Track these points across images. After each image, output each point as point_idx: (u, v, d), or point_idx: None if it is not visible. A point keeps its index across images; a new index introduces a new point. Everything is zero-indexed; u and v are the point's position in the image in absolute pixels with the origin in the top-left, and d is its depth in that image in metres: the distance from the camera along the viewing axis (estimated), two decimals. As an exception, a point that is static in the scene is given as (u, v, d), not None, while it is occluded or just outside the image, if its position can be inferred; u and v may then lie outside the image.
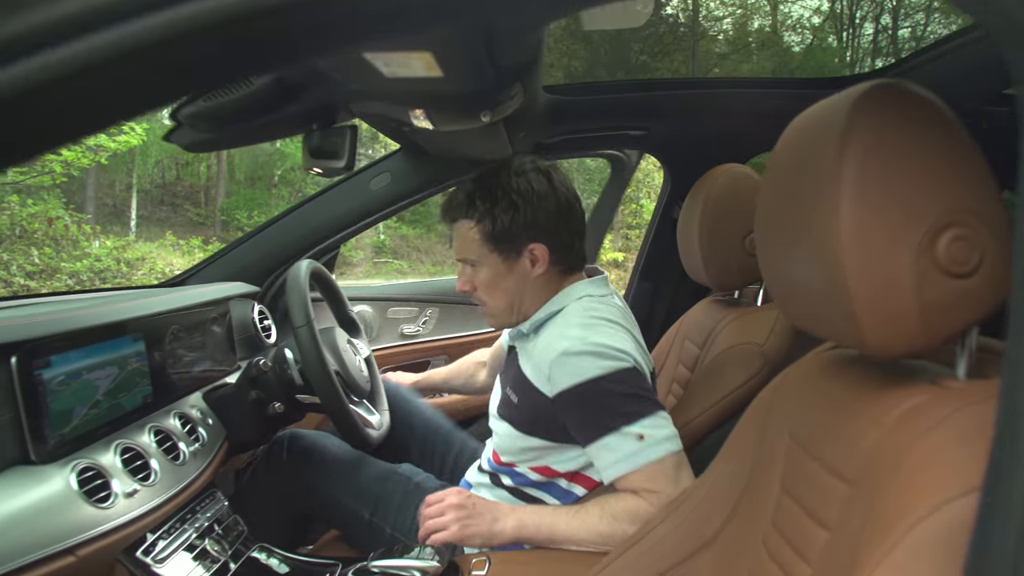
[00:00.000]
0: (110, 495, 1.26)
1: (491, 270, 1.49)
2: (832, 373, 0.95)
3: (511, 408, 1.48)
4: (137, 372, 1.51)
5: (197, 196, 22.05)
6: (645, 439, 1.29)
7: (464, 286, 1.54)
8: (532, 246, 1.46)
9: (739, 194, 1.65)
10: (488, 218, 1.44)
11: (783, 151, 0.88)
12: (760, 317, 1.64)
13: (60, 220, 10.99)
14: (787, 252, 0.85)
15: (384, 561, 1.27)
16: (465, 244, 1.49)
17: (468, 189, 1.47)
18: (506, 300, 1.51)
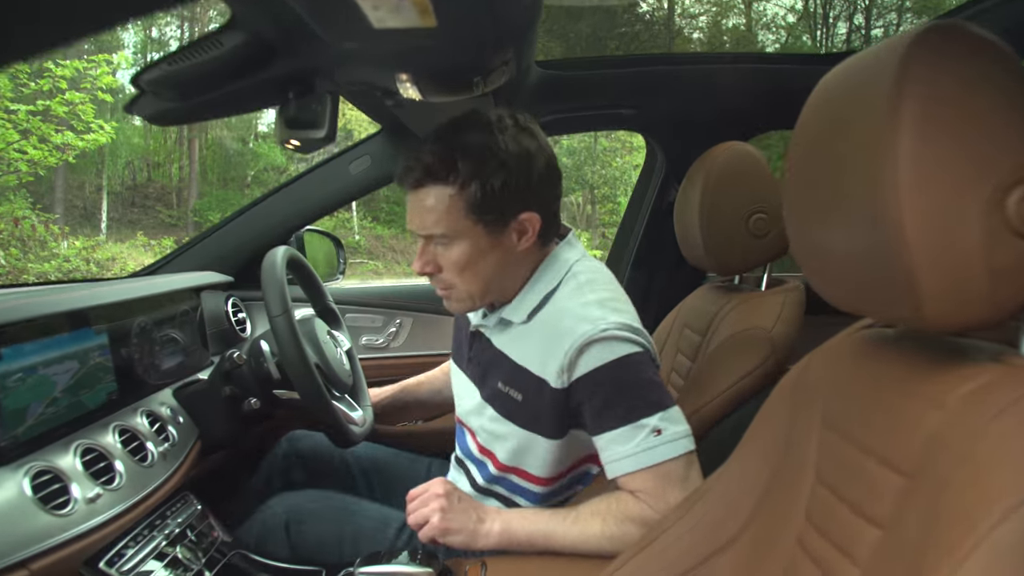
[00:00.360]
0: (69, 501, 1.15)
1: (470, 246, 1.26)
2: (871, 353, 0.86)
3: (515, 407, 1.33)
4: (100, 367, 1.41)
5: (169, 198, 21.99)
6: (662, 434, 1.18)
7: (426, 267, 1.30)
8: (524, 215, 1.26)
9: (742, 173, 1.58)
10: (475, 182, 1.22)
11: (815, 113, 0.81)
12: (765, 302, 1.57)
13: (27, 220, 10.79)
14: (827, 221, 0.76)
15: (370, 567, 1.18)
16: (437, 215, 1.24)
17: (444, 147, 1.23)
18: (482, 282, 1.30)
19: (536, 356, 1.28)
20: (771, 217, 1.56)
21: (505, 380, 1.34)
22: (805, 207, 0.81)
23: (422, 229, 1.27)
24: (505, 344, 1.35)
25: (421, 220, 1.26)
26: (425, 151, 1.23)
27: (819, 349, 0.97)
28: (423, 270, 1.31)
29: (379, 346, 2.36)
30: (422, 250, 1.30)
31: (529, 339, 1.31)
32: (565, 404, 1.25)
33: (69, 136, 9.74)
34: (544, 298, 1.31)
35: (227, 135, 23.66)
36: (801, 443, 0.91)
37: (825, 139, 0.77)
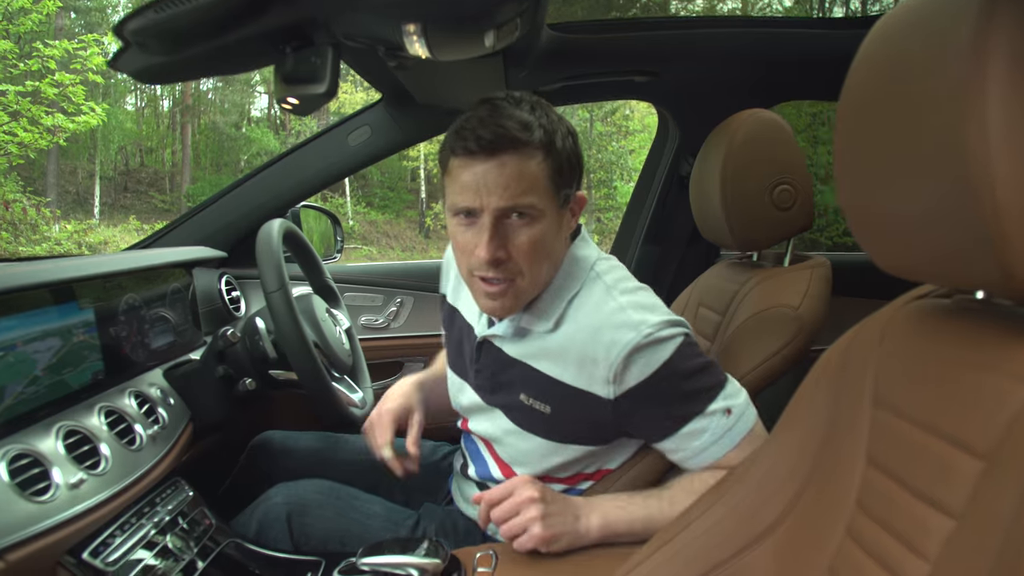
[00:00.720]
0: (49, 486, 1.07)
1: (549, 224, 1.13)
2: (929, 326, 0.78)
3: (540, 420, 1.22)
4: (85, 345, 1.32)
5: (162, 183, 22.03)
6: (733, 412, 1.14)
7: (499, 251, 1.10)
8: (578, 193, 1.19)
9: (767, 141, 1.49)
10: (554, 149, 1.10)
11: (870, 65, 0.72)
12: (791, 278, 1.49)
13: (17, 203, 10.68)
14: (891, 183, 0.68)
15: (374, 558, 1.11)
16: (528, 184, 1.09)
17: (515, 111, 1.09)
18: (547, 270, 1.18)
19: (572, 367, 1.17)
20: (797, 188, 1.48)
21: (530, 393, 1.23)
22: (862, 169, 0.73)
23: (504, 201, 1.09)
24: (526, 354, 1.23)
25: (503, 191, 1.08)
26: (493, 121, 1.08)
27: (863, 324, 0.89)
28: (496, 255, 1.10)
29: (379, 326, 2.27)
30: (493, 232, 1.10)
31: (559, 349, 1.19)
32: (613, 416, 1.17)
33: (60, 118, 9.65)
34: (568, 303, 1.20)
35: (220, 120, 23.59)
36: (848, 425, 0.83)
37: (884, 93, 0.68)
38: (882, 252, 0.75)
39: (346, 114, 2.37)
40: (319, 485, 1.44)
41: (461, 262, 1.18)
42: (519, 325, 1.23)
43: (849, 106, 0.74)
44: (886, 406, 0.78)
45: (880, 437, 0.78)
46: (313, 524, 1.36)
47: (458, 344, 1.41)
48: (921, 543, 0.67)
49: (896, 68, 0.67)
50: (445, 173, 1.16)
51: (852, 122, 0.74)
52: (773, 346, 1.36)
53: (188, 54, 1.09)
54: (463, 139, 1.08)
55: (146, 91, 23.99)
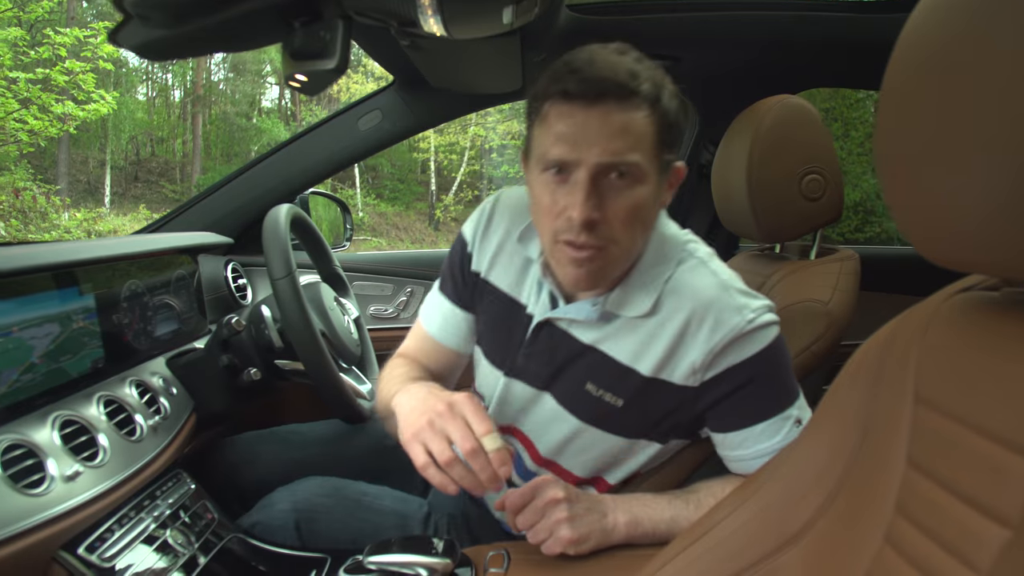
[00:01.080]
0: (44, 478, 1.03)
1: (650, 189, 1.00)
2: (978, 319, 0.73)
3: (609, 412, 1.12)
4: (85, 332, 1.28)
5: (172, 173, 22.11)
6: (801, 423, 1.07)
7: (595, 211, 0.97)
8: (678, 164, 1.07)
9: (796, 128, 1.44)
10: (661, 107, 0.98)
11: (920, 39, 0.65)
12: (818, 272, 1.44)
13: (27, 191, 10.70)
14: (950, 167, 0.62)
15: (381, 556, 1.06)
16: (633, 139, 0.96)
17: (621, 61, 0.97)
18: (642, 240, 1.06)
19: (658, 354, 1.08)
20: (826, 178, 1.43)
21: (599, 383, 1.12)
22: (910, 153, 0.67)
23: (605, 156, 0.96)
24: (603, 339, 1.12)
25: (606, 143, 0.96)
26: (599, 65, 0.96)
27: (904, 317, 0.84)
28: (591, 216, 0.97)
29: (388, 316, 2.23)
30: (591, 189, 0.97)
31: (648, 335, 1.09)
32: (691, 404, 1.10)
33: (70, 106, 9.66)
34: (664, 283, 1.09)
35: (231, 110, 23.65)
36: (886, 423, 0.78)
37: (938, 67, 0.62)
38: (930, 241, 0.69)
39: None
40: (324, 485, 1.37)
41: (544, 226, 1.05)
42: (604, 309, 1.10)
43: (895, 85, 0.69)
44: (929, 404, 0.72)
45: (922, 437, 0.72)
46: (322, 530, 1.31)
47: (495, 328, 1.26)
48: (971, 553, 0.61)
49: (953, 39, 0.61)
50: (536, 122, 1.03)
51: (898, 102, 0.69)
52: (803, 342, 1.31)
53: (192, 28, 1.04)
54: (563, 81, 0.96)
55: (157, 81, 24.07)
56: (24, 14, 11.01)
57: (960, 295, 0.78)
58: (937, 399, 0.71)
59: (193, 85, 23.45)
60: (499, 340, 1.25)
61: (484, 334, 1.31)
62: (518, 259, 1.21)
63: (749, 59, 1.93)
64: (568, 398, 1.16)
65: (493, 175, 21.94)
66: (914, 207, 0.69)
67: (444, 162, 22.09)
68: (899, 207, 0.70)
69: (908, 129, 0.67)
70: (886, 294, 2.12)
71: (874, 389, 0.82)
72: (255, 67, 24.37)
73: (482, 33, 1.20)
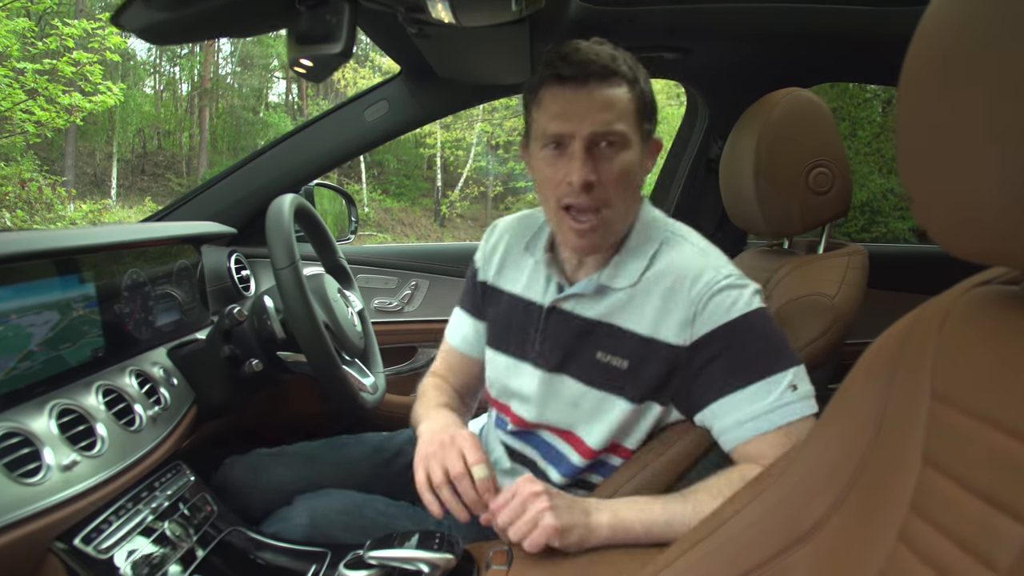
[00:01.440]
0: (40, 468, 1.01)
1: (635, 154, 1.16)
2: (999, 314, 0.71)
3: (616, 375, 1.21)
4: (84, 320, 1.27)
5: (179, 166, 22.17)
6: (798, 390, 1.11)
7: (591, 175, 1.12)
8: (655, 137, 1.23)
9: (804, 121, 1.42)
10: (639, 85, 1.15)
11: (942, 26, 0.63)
12: (826, 266, 1.42)
13: (33, 182, 10.71)
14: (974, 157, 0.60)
15: (383, 551, 1.05)
16: (618, 112, 1.13)
17: (602, 48, 1.14)
18: (633, 202, 1.22)
19: (650, 316, 1.18)
20: (834, 172, 1.41)
21: (606, 349, 1.22)
22: (930, 145, 0.65)
23: (595, 126, 1.12)
24: (605, 312, 1.23)
25: (595, 116, 1.12)
26: (584, 52, 1.13)
27: (920, 311, 0.82)
28: (588, 178, 1.12)
29: (393, 309, 2.22)
30: (585, 156, 1.13)
31: (640, 301, 1.20)
32: (686, 365, 1.16)
33: (77, 97, 9.64)
34: (651, 258, 1.22)
35: (238, 104, 23.68)
36: (901, 420, 0.76)
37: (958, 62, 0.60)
38: (951, 233, 0.67)
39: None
40: (343, 500, 1.39)
41: (548, 196, 1.19)
42: (599, 283, 1.23)
43: (914, 75, 0.67)
44: (946, 400, 0.70)
45: (939, 433, 0.71)
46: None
47: (505, 323, 1.38)
48: (990, 551, 0.60)
49: (971, 28, 0.59)
50: (534, 107, 1.19)
51: (918, 93, 0.67)
52: (808, 335, 1.29)
53: (195, 11, 1.02)
54: (554, 67, 1.13)
55: (165, 74, 24.11)
56: (32, 5, 10.99)
57: (978, 289, 0.77)
58: (954, 395, 0.70)
59: (200, 79, 23.49)
60: (511, 335, 1.36)
61: (494, 333, 1.41)
62: (525, 266, 1.36)
63: (759, 52, 1.92)
64: (583, 372, 1.24)
65: (499, 171, 21.96)
66: (935, 199, 0.67)
67: (450, 158, 22.08)
68: (920, 199, 0.68)
69: (928, 120, 0.65)
70: (893, 292, 2.10)
71: (888, 385, 0.80)
72: (262, 61, 24.41)
73: (490, 21, 1.19)
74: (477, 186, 22.10)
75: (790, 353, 1.13)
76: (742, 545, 0.88)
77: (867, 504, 0.78)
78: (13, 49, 9.60)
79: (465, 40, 1.43)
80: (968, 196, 0.62)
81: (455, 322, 1.52)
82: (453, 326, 1.52)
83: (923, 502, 0.69)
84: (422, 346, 2.23)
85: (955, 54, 0.60)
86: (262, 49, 23.85)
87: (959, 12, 0.61)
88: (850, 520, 0.80)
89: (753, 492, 0.91)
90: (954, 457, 0.67)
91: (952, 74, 0.61)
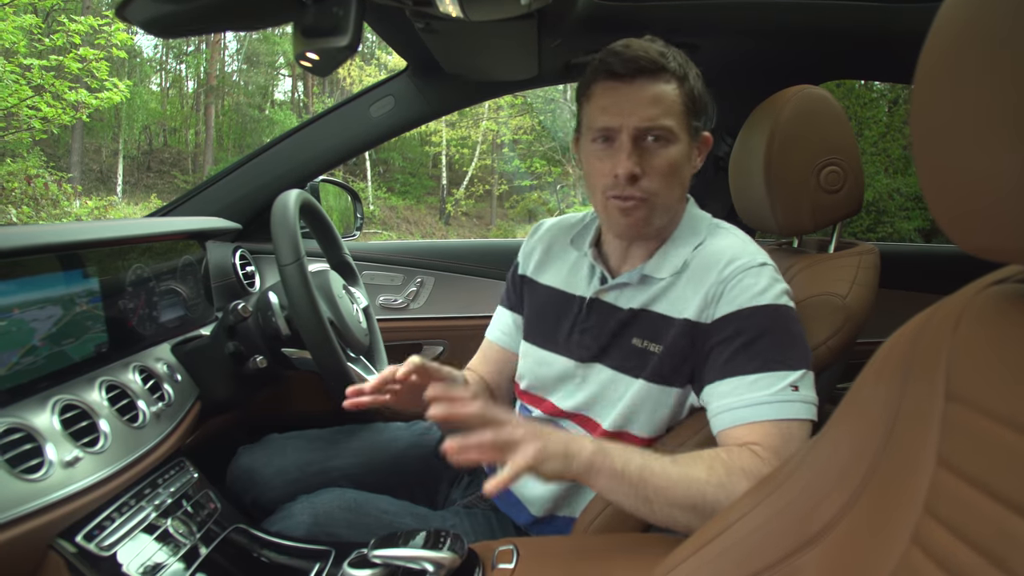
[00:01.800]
0: (42, 463, 1.01)
1: (682, 149, 1.19)
2: (1014, 312, 0.69)
3: (648, 360, 1.23)
4: (88, 315, 1.26)
5: (184, 163, 22.22)
6: (799, 391, 1.10)
7: (636, 167, 1.16)
8: (704, 133, 1.26)
9: (816, 118, 1.40)
10: (688, 82, 1.18)
11: (955, 26, 0.61)
12: (837, 265, 1.40)
13: (39, 179, 10.73)
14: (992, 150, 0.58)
15: (387, 550, 1.03)
16: (666, 107, 1.16)
17: (651, 45, 1.17)
18: (679, 194, 1.24)
19: (683, 298, 1.22)
20: (846, 170, 1.39)
21: (642, 335, 1.25)
22: (946, 138, 0.64)
23: (642, 121, 1.15)
24: (646, 301, 1.26)
25: (642, 111, 1.15)
26: (634, 48, 1.15)
27: (934, 310, 0.81)
28: (633, 170, 1.16)
29: (398, 306, 2.21)
30: (631, 149, 1.16)
31: (679, 287, 1.23)
32: (702, 343, 1.18)
33: (83, 93, 9.66)
34: (693, 250, 1.25)
35: (244, 102, 23.72)
36: (915, 421, 0.75)
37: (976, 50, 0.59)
38: (966, 229, 0.66)
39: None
40: (344, 498, 1.37)
41: (596, 188, 1.23)
42: (643, 273, 1.26)
43: (930, 66, 0.65)
44: (961, 400, 0.69)
45: (954, 434, 0.69)
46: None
47: (540, 315, 1.42)
48: (1006, 554, 0.58)
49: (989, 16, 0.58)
50: (584, 101, 1.22)
51: (933, 84, 0.65)
52: (819, 336, 1.27)
53: (200, 3, 1.01)
54: (605, 64, 1.16)
55: (171, 71, 24.15)
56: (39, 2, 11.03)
57: (993, 288, 0.75)
58: (969, 395, 0.68)
59: (207, 76, 23.53)
60: (545, 326, 1.39)
61: (529, 326, 1.44)
62: (568, 259, 1.40)
63: (767, 48, 1.89)
64: (619, 361, 1.27)
65: (504, 169, 21.95)
66: (951, 194, 0.65)
67: (456, 156, 22.10)
68: (935, 194, 0.67)
69: (944, 110, 0.63)
70: (904, 292, 2.08)
71: (901, 386, 0.78)
72: (268, 59, 24.45)
73: (499, 15, 1.18)
74: (482, 184, 22.11)
75: (802, 356, 1.13)
76: (750, 547, 0.87)
77: (879, 506, 0.76)
78: (20, 45, 9.62)
79: (472, 36, 1.42)
80: (985, 191, 0.60)
81: (495, 319, 1.56)
82: (492, 323, 1.56)
83: (937, 504, 0.68)
84: (427, 343, 2.21)
85: (971, 45, 0.59)
86: (268, 46, 23.90)
87: (974, 7, 0.60)
88: (861, 522, 0.78)
89: (762, 494, 0.90)
90: (969, 458, 0.66)
91: (970, 62, 0.59)
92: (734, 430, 1.10)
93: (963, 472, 0.66)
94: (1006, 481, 0.60)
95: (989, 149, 0.58)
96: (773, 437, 1.06)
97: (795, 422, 1.08)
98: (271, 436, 1.61)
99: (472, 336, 1.94)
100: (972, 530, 0.62)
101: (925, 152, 0.67)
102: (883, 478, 0.77)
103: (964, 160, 0.62)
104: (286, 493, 1.46)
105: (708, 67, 1.99)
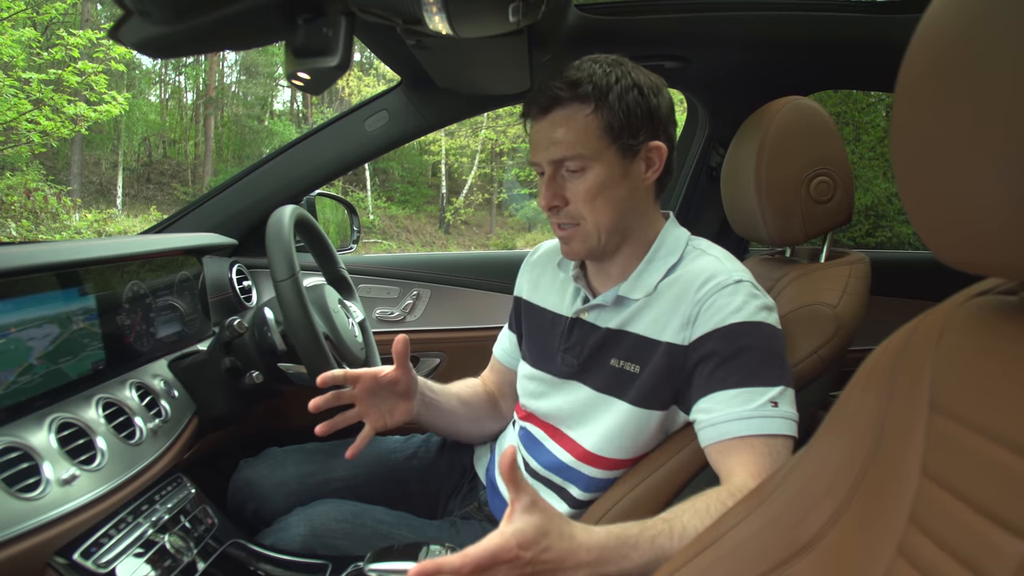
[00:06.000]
0: (39, 482, 1.01)
1: (604, 171, 1.20)
2: (997, 324, 0.71)
3: (627, 381, 1.24)
4: (85, 333, 1.27)
5: (184, 175, 22.20)
6: (779, 407, 1.11)
7: (553, 200, 1.22)
8: (653, 143, 1.23)
9: (805, 129, 1.41)
10: (608, 102, 1.17)
11: (940, 31, 0.62)
12: (828, 275, 1.41)
13: (39, 192, 10.74)
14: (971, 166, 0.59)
15: (383, 564, 1.04)
16: (574, 137, 1.18)
17: (574, 73, 1.19)
18: (613, 214, 1.23)
19: (661, 320, 1.22)
20: (836, 180, 1.40)
21: (621, 355, 1.26)
22: (926, 154, 0.65)
23: (553, 154, 1.20)
24: (623, 322, 1.27)
25: (552, 146, 1.20)
26: (564, 74, 1.19)
27: (918, 322, 0.81)
28: (551, 203, 1.23)
29: (394, 319, 2.21)
30: (548, 182, 1.23)
31: (654, 308, 1.24)
32: (681, 365, 1.18)
33: (82, 107, 9.68)
34: (669, 270, 1.26)
35: (243, 113, 23.75)
36: (900, 432, 0.75)
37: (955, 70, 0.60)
38: (946, 243, 0.67)
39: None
40: (341, 510, 1.38)
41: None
42: (617, 294, 1.27)
43: (910, 83, 0.66)
44: (945, 412, 0.70)
45: (938, 446, 0.70)
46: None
47: (533, 336, 1.46)
48: (988, 566, 0.59)
49: (968, 35, 0.58)
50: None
51: (913, 101, 0.66)
52: (809, 346, 1.28)
53: (192, 25, 1.02)
54: (527, 104, 1.24)
55: (170, 83, 24.18)
56: (38, 15, 11.07)
57: (976, 299, 0.76)
58: (953, 407, 0.69)
59: (205, 87, 23.56)
60: (540, 346, 1.42)
61: (527, 345, 1.48)
62: (556, 281, 1.43)
63: (759, 60, 1.90)
64: (598, 380, 1.28)
65: (503, 178, 21.97)
66: (931, 208, 0.66)
67: (455, 165, 22.11)
68: (915, 208, 0.68)
69: (923, 128, 0.64)
70: (898, 299, 2.09)
71: (887, 396, 0.79)
72: (267, 70, 24.47)
73: (488, 32, 1.19)
74: (482, 193, 22.11)
75: (780, 373, 1.14)
76: (743, 557, 0.87)
77: (866, 516, 0.77)
78: (19, 59, 9.65)
79: (464, 51, 1.43)
80: (965, 206, 0.61)
81: (500, 336, 1.63)
82: (498, 339, 1.63)
83: (922, 515, 0.69)
84: (424, 356, 2.21)
85: (952, 62, 0.60)
86: (267, 58, 23.92)
87: (955, 20, 0.61)
88: (850, 532, 0.79)
89: (753, 504, 0.90)
90: (953, 470, 0.67)
91: (949, 81, 0.60)
92: (715, 446, 1.11)
93: (946, 483, 0.66)
94: (987, 493, 0.61)
95: (966, 168, 0.59)
96: (756, 455, 1.08)
97: (779, 438, 1.09)
98: (271, 449, 1.61)
99: (469, 348, 1.95)
100: (955, 541, 0.63)
101: (906, 170, 0.68)
102: (870, 488, 0.78)
103: (942, 178, 0.63)
104: (287, 504, 1.46)
105: (699, 79, 2.01)
